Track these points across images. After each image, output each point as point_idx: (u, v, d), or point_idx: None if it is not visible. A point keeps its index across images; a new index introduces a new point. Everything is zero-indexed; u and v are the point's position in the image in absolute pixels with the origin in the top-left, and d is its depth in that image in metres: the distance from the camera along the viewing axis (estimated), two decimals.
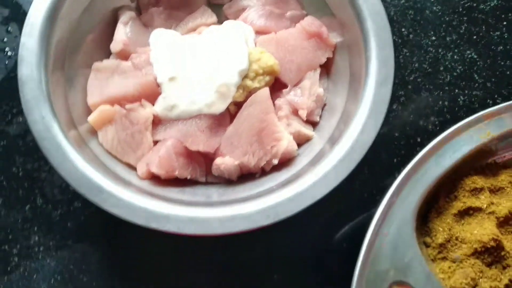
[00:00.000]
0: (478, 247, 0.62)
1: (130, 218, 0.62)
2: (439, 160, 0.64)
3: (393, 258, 0.60)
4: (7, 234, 0.77)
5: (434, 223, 0.66)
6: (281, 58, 0.75)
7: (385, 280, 0.59)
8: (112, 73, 0.74)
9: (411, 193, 0.62)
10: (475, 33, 0.86)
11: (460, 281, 0.61)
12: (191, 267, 0.76)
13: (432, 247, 0.65)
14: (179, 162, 0.70)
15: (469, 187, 0.66)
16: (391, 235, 0.61)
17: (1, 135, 0.82)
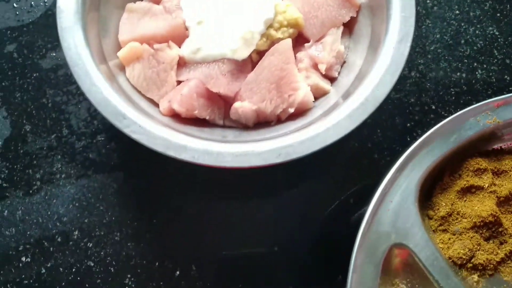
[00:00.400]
0: (478, 222, 0.65)
1: (149, 144, 0.66)
2: (445, 140, 0.67)
3: (395, 222, 0.63)
4: (32, 159, 0.82)
5: (438, 198, 0.69)
6: (306, 13, 0.78)
7: (386, 242, 0.63)
8: (144, 15, 0.78)
9: (417, 167, 0.66)
10: (499, 10, 0.88)
11: (458, 251, 0.65)
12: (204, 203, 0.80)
13: (434, 219, 0.68)
14: (200, 102, 0.73)
15: (473, 167, 0.69)
16: (395, 202, 0.64)
17: (35, 68, 0.86)
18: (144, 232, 0.78)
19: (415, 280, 0.65)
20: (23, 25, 0.90)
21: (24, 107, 0.84)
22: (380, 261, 0.62)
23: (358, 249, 0.62)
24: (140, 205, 0.80)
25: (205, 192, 0.81)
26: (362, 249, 0.62)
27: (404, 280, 0.65)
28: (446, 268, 0.63)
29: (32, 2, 0.91)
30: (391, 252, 0.63)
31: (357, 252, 0.62)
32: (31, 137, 0.83)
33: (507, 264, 0.66)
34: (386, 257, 0.62)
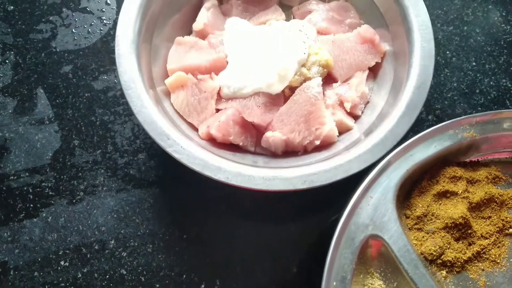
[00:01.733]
0: (449, 223, 0.71)
1: (189, 164, 0.73)
2: (426, 147, 0.73)
3: (373, 216, 0.69)
4: (77, 171, 0.90)
5: (416, 199, 0.75)
6: (335, 56, 0.86)
7: (363, 232, 0.69)
8: (191, 48, 0.87)
9: (398, 168, 0.72)
10: None
11: (430, 248, 0.71)
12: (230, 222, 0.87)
13: (411, 218, 0.74)
14: (235, 129, 0.81)
15: (450, 174, 0.75)
16: (375, 198, 0.70)
17: (87, 88, 0.95)
18: (175, 246, 0.85)
19: (388, 269, 0.71)
20: (80, 49, 0.99)
21: (75, 123, 0.93)
22: (357, 248, 0.68)
23: (338, 237, 0.68)
24: (172, 221, 0.87)
25: (234, 214, 0.87)
26: (342, 237, 0.68)
27: (378, 269, 0.71)
28: (415, 259, 0.68)
29: (89, 29, 1.01)
30: (367, 243, 0.69)
31: (336, 239, 0.68)
32: (78, 151, 0.91)
33: (474, 263, 0.72)
34: (362, 247, 0.68)
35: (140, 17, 0.82)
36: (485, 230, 0.73)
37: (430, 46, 0.80)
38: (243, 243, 0.85)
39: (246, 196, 0.79)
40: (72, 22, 1.01)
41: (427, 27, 0.81)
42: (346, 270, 0.67)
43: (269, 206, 0.87)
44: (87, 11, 1.02)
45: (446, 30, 0.99)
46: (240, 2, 0.93)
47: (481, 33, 0.99)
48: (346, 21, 0.91)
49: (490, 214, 0.75)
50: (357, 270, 0.69)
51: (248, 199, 0.86)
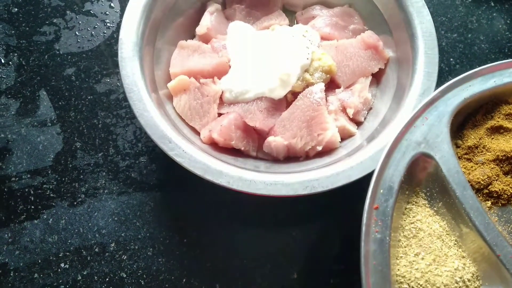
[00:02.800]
0: (500, 155, 0.72)
1: (190, 167, 0.73)
2: (485, 81, 0.74)
3: (427, 135, 0.70)
4: (79, 173, 0.89)
5: (468, 131, 0.75)
6: (339, 62, 0.86)
7: (415, 149, 0.69)
8: (193, 52, 0.87)
9: (456, 96, 0.72)
10: None
11: (478, 176, 0.71)
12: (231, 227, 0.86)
13: (462, 148, 0.74)
14: (237, 133, 0.81)
15: (506, 111, 0.75)
16: (430, 120, 0.71)
17: (90, 91, 0.95)
18: (175, 250, 0.85)
19: (434, 190, 0.71)
20: (83, 52, 0.99)
21: (77, 126, 0.93)
22: (407, 163, 0.68)
23: (390, 149, 0.69)
24: (173, 225, 0.86)
25: (235, 218, 0.87)
26: (394, 150, 0.69)
27: (424, 189, 0.72)
28: (464, 180, 0.68)
29: (92, 32, 1.01)
30: (417, 161, 0.69)
31: (388, 150, 0.68)
32: (80, 154, 0.91)
33: None
34: (412, 163, 0.69)
35: (143, 20, 0.82)
36: None
37: (434, 53, 0.80)
38: (244, 248, 0.85)
39: (248, 200, 0.79)
40: (75, 24, 1.02)
41: (431, 34, 0.81)
42: (394, 181, 0.67)
43: (271, 211, 0.87)
44: (90, 14, 1.02)
45: (450, 37, 0.99)
46: (244, 6, 0.93)
47: (485, 40, 0.99)
48: (350, 27, 0.91)
49: None
50: (403, 186, 0.69)
51: (249, 204, 0.86)
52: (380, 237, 0.64)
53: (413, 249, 0.68)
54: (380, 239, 0.64)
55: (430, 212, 0.70)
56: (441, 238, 0.69)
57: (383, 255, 0.63)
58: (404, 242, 0.68)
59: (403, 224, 0.69)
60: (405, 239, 0.68)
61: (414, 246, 0.68)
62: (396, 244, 0.68)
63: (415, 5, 0.83)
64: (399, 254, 0.67)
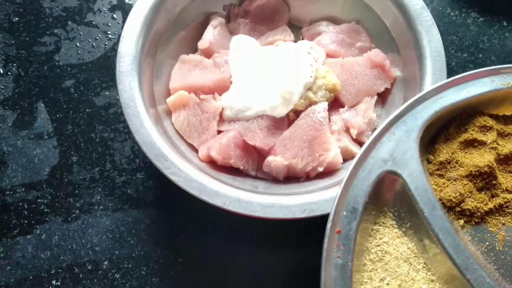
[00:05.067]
0: (473, 171, 0.67)
1: (185, 187, 0.71)
2: (458, 91, 0.70)
3: (394, 151, 0.66)
4: (74, 188, 0.87)
5: (440, 145, 0.71)
6: (344, 80, 0.83)
7: (381, 167, 0.65)
8: (195, 66, 0.85)
9: (426, 109, 0.69)
10: None
11: (450, 194, 0.67)
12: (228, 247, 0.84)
13: (433, 163, 0.70)
14: (236, 152, 0.79)
15: (480, 123, 0.71)
16: (398, 135, 0.67)
17: (88, 104, 0.94)
18: (169, 269, 0.82)
19: (402, 209, 0.67)
20: (83, 64, 0.97)
21: (74, 139, 0.91)
22: (372, 182, 0.65)
23: (354, 168, 0.65)
24: (168, 243, 0.84)
25: (232, 239, 0.84)
26: (358, 169, 0.65)
27: (392, 209, 0.67)
28: (433, 199, 0.64)
29: (93, 43, 0.99)
30: (384, 179, 0.66)
31: (352, 169, 0.65)
32: (76, 168, 0.89)
33: (495, 216, 0.68)
34: (378, 182, 0.65)
35: (144, 33, 0.80)
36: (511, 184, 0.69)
37: (442, 74, 0.77)
38: (240, 268, 0.82)
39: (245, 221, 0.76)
40: (76, 35, 1.00)
41: (439, 54, 0.78)
42: (358, 202, 0.64)
43: (268, 232, 0.84)
44: (92, 25, 1.01)
45: (460, 57, 0.96)
46: (248, 21, 0.91)
47: (496, 61, 0.96)
48: (357, 44, 0.88)
49: None
50: (369, 206, 0.65)
51: (247, 224, 0.83)
52: (342, 263, 0.61)
53: (378, 274, 0.64)
54: (341, 265, 0.61)
55: (398, 233, 0.67)
56: (408, 261, 0.65)
57: (345, 281, 0.60)
58: (369, 266, 0.64)
59: (369, 246, 0.66)
60: (370, 263, 0.65)
61: (379, 270, 0.64)
62: (361, 269, 0.64)
63: (424, 24, 0.80)
64: (364, 279, 0.64)
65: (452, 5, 1.03)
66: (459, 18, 1.01)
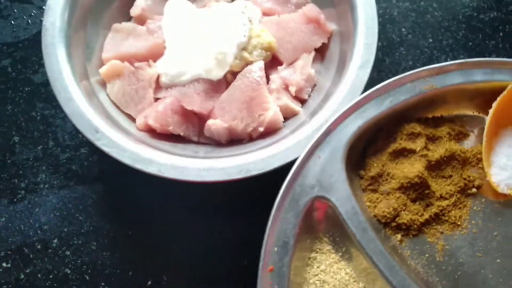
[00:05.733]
0: (405, 183, 0.67)
1: (118, 157, 0.70)
2: (379, 103, 0.69)
3: (320, 176, 0.65)
4: (18, 169, 0.86)
5: (370, 159, 0.70)
6: (280, 38, 0.82)
7: (309, 194, 0.64)
8: (128, 35, 0.83)
9: (349, 126, 0.67)
10: (471, 40, 0.92)
11: (383, 209, 0.66)
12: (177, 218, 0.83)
13: (365, 179, 0.70)
14: (174, 119, 0.77)
15: (408, 131, 0.70)
16: (322, 159, 0.66)
17: (27, 82, 0.92)
18: (119, 242, 0.82)
19: (336, 234, 0.67)
20: (19, 41, 0.95)
21: (14, 119, 0.89)
22: (301, 211, 0.64)
23: (280, 200, 0.64)
24: (116, 217, 0.83)
25: (181, 209, 0.84)
26: (285, 200, 0.64)
27: (327, 233, 0.67)
28: (364, 222, 0.64)
29: (29, 20, 0.97)
30: (313, 205, 0.65)
31: (279, 202, 0.64)
32: (18, 148, 0.87)
33: (432, 226, 0.68)
34: (308, 210, 0.64)
35: (70, 3, 0.78)
36: (445, 190, 0.69)
37: (374, 24, 0.76)
38: (191, 239, 0.82)
39: (194, 190, 0.76)
40: (10, 13, 0.97)
41: (370, 4, 0.77)
42: (289, 235, 0.63)
43: (218, 199, 0.84)
44: (26, 1, 0.98)
45: (402, 6, 0.95)
46: None
47: (438, 8, 0.94)
48: (293, 0, 0.87)
49: (451, 173, 0.70)
50: (303, 235, 0.65)
51: (195, 193, 0.83)
52: None
53: None
54: None
55: (335, 258, 0.66)
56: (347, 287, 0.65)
57: None
58: None
59: (307, 277, 0.65)
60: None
61: None
62: None
63: None
64: None
65: None
66: None
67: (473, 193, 0.70)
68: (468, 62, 0.71)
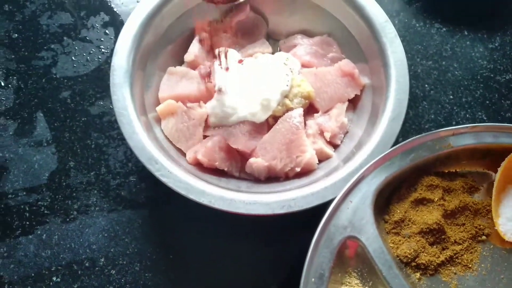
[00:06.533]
0: (424, 228, 0.76)
1: (175, 187, 0.78)
2: (404, 157, 0.78)
3: (352, 219, 0.74)
4: (72, 191, 0.94)
5: (394, 205, 0.79)
6: (317, 88, 0.91)
7: (342, 234, 0.73)
8: (182, 77, 0.93)
9: (377, 176, 0.76)
10: (488, 98, 1.01)
11: (405, 251, 0.75)
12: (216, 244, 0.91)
13: (389, 223, 0.78)
14: (220, 155, 0.86)
15: (427, 183, 0.79)
16: (354, 203, 0.75)
17: (84, 113, 1.01)
18: (161, 265, 0.89)
19: (364, 270, 0.75)
20: (78, 76, 1.05)
21: (71, 146, 0.98)
22: (335, 248, 0.72)
23: (318, 237, 0.72)
24: (160, 241, 0.91)
25: (220, 236, 0.91)
26: (322, 237, 0.72)
27: (356, 269, 0.75)
28: (390, 261, 0.72)
29: (88, 57, 1.07)
30: (345, 244, 0.73)
31: (316, 238, 0.72)
32: (73, 172, 0.96)
33: (447, 267, 0.76)
34: (341, 247, 0.72)
35: (134, 48, 0.87)
36: (459, 236, 0.78)
37: (405, 81, 0.85)
38: (228, 264, 0.89)
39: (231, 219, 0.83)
40: (72, 50, 1.07)
41: (402, 63, 0.86)
42: (324, 268, 0.71)
43: (256, 229, 0.91)
44: (86, 40, 1.08)
45: (425, 64, 1.05)
46: (230, 35, 0.99)
47: (458, 67, 1.04)
48: (329, 55, 0.97)
49: (464, 222, 0.79)
50: (335, 269, 0.72)
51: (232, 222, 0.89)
52: None
53: None
54: None
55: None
56: None
57: None
58: None
59: None
60: None
61: None
62: None
63: (388, 36, 0.88)
64: None
65: (417, 16, 1.12)
66: (423, 29, 1.10)
67: (483, 240, 0.79)
68: (480, 126, 0.80)
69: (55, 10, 1.12)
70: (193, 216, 0.91)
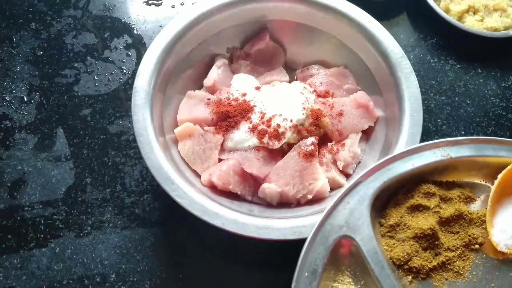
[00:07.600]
0: (418, 233, 0.77)
1: (189, 208, 0.80)
2: (403, 164, 0.80)
3: (348, 219, 0.75)
4: (87, 207, 0.96)
5: (390, 210, 0.81)
6: (332, 118, 0.94)
7: (337, 232, 0.75)
8: (200, 101, 0.95)
9: (376, 180, 0.78)
10: (500, 136, 1.03)
11: (398, 253, 0.76)
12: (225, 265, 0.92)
13: (384, 226, 0.80)
14: (235, 178, 0.88)
15: (424, 190, 0.81)
16: (351, 204, 0.77)
17: (103, 131, 1.04)
18: (171, 284, 0.90)
19: (357, 269, 0.76)
20: (99, 95, 1.08)
21: (88, 163, 1.00)
22: (330, 246, 0.74)
23: (313, 234, 0.74)
24: (170, 260, 0.92)
25: (230, 258, 0.93)
26: (317, 235, 0.74)
27: (349, 268, 0.76)
28: (382, 261, 0.73)
29: (109, 77, 1.10)
30: (340, 243, 0.75)
31: (312, 235, 0.74)
32: (89, 188, 0.98)
33: (439, 272, 0.77)
34: (335, 246, 0.74)
35: (156, 71, 0.90)
36: (452, 244, 0.79)
37: (419, 116, 0.87)
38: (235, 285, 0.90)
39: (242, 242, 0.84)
40: (94, 69, 1.11)
41: (416, 98, 0.88)
42: (318, 264, 0.73)
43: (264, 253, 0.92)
44: (109, 61, 1.12)
45: (439, 99, 1.07)
46: (249, 62, 1.02)
47: (471, 104, 1.06)
48: (344, 86, 0.99)
49: (459, 230, 0.80)
50: (329, 266, 0.74)
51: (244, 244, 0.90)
52: None
53: None
54: None
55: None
56: None
57: None
58: None
59: None
60: None
61: None
62: None
63: (404, 71, 0.91)
64: None
65: (432, 52, 1.15)
66: (438, 65, 1.13)
67: (476, 249, 0.80)
68: (480, 138, 0.83)
69: (80, 30, 1.16)
70: (205, 237, 0.93)
